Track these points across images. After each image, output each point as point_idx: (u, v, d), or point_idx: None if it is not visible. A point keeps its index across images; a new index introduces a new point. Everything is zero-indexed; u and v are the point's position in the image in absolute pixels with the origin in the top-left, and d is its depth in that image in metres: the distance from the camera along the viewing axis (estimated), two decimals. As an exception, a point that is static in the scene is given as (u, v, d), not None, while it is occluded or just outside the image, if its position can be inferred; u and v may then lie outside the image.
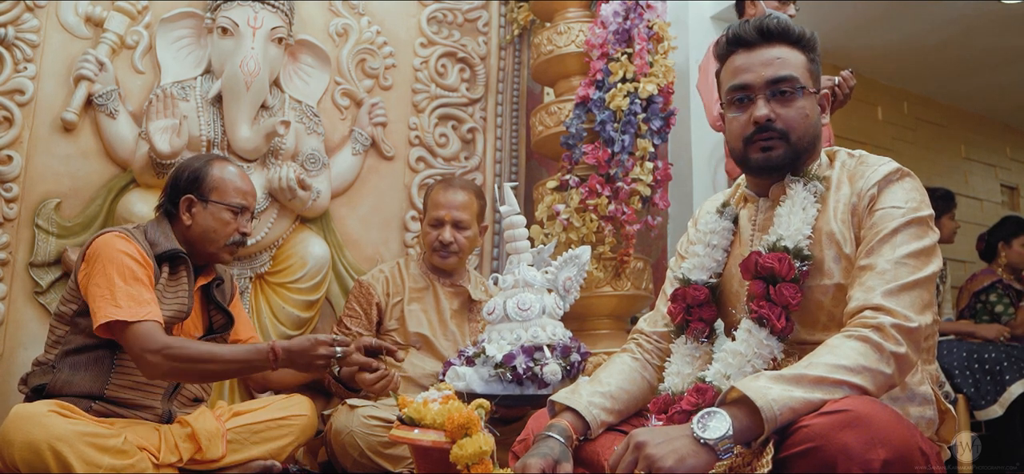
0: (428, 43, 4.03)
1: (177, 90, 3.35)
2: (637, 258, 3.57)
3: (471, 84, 4.09)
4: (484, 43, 4.15)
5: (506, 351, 2.56)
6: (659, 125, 3.49)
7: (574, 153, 3.52)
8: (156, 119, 3.25)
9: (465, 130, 4.04)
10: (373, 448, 2.63)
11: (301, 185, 3.42)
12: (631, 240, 3.46)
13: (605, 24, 3.60)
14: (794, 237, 1.78)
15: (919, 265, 1.66)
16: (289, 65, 3.60)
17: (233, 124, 3.35)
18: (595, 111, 3.49)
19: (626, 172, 3.43)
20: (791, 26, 1.86)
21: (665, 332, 2.08)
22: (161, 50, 3.41)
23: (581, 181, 3.47)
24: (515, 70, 4.19)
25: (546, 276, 2.76)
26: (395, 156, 3.85)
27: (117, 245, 2.46)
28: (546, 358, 2.55)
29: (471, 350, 2.66)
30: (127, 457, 2.28)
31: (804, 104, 1.83)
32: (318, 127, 3.62)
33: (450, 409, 1.89)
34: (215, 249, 2.67)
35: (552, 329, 2.65)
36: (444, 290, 3.23)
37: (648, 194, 3.46)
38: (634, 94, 3.47)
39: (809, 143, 1.85)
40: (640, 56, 3.52)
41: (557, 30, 3.78)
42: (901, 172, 1.79)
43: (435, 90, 4.00)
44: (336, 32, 3.81)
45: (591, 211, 3.42)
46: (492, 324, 2.69)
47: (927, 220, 1.73)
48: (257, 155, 3.42)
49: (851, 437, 1.40)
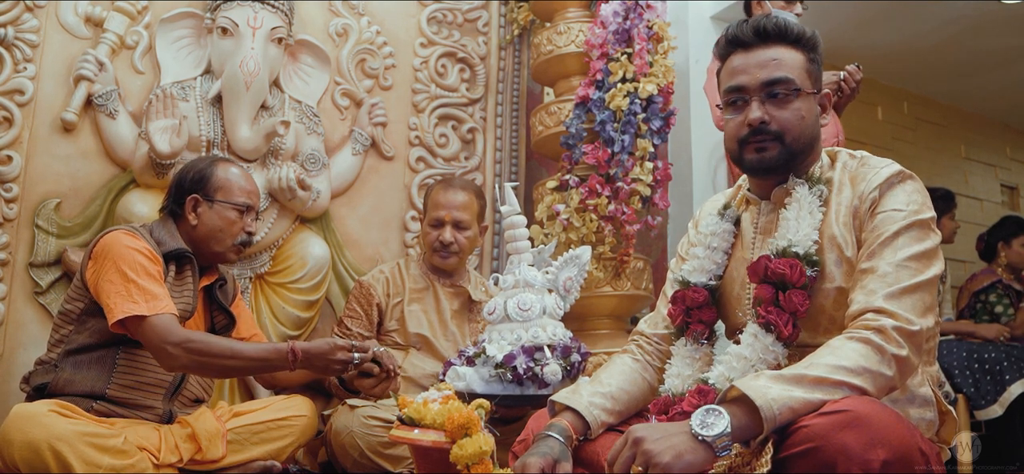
0: (428, 43, 4.04)
1: (177, 90, 3.35)
2: (637, 258, 3.58)
3: (471, 84, 4.10)
4: (484, 43, 4.16)
5: (506, 351, 2.56)
6: (659, 125, 3.49)
7: (574, 153, 3.52)
8: (156, 119, 3.25)
9: (465, 130, 4.05)
10: (373, 448, 2.63)
11: (301, 185, 3.42)
12: (631, 240, 3.46)
13: (605, 24, 3.60)
14: (804, 243, 1.78)
15: (921, 268, 1.67)
16: (289, 65, 3.60)
17: (233, 124, 3.35)
18: (595, 111, 3.50)
19: (626, 172, 3.43)
20: (790, 26, 1.86)
21: (665, 334, 2.08)
22: (161, 50, 3.41)
23: (581, 181, 3.48)
24: (515, 70, 4.19)
25: (547, 276, 2.76)
26: (395, 156, 3.86)
27: (126, 241, 2.47)
28: (546, 358, 2.56)
29: (471, 350, 2.66)
30: (127, 457, 2.28)
31: (800, 105, 1.83)
32: (318, 127, 3.63)
33: (450, 409, 1.89)
34: (221, 249, 2.68)
35: (552, 329, 2.65)
36: (444, 290, 3.24)
37: (648, 194, 3.46)
38: (634, 94, 3.48)
39: (806, 144, 1.85)
40: (640, 56, 3.52)
41: (557, 30, 3.78)
42: (903, 174, 1.79)
43: (435, 90, 4.01)
44: (336, 32, 3.82)
45: (591, 211, 3.43)
46: (492, 324, 2.69)
47: (929, 223, 1.73)
48: (257, 155, 3.43)
49: (851, 437, 1.40)
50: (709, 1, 4.68)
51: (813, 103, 1.86)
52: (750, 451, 1.54)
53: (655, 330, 2.12)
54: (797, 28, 1.87)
